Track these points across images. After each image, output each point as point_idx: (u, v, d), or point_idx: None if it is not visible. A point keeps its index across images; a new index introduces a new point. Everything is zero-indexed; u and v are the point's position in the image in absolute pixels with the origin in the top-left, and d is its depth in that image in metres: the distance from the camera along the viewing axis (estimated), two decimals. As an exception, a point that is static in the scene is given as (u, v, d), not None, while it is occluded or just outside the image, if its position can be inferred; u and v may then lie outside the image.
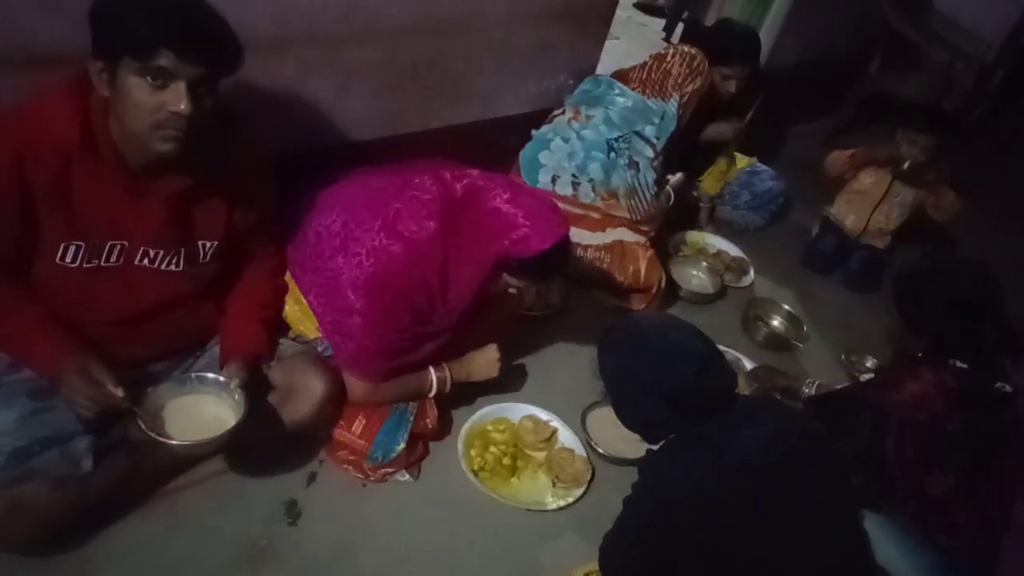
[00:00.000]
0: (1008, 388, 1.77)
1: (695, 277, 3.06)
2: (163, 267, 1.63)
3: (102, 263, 1.55)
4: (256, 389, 1.70)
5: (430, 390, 2.02)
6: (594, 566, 1.64)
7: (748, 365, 2.61)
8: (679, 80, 2.75)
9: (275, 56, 2.05)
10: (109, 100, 1.41)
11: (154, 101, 1.35)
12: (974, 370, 1.79)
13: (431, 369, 2.02)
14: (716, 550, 1.42)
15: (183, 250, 1.64)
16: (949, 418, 1.73)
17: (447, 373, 2.04)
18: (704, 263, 3.09)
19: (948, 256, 2.57)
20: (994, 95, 4.75)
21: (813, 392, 2.25)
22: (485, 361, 2.10)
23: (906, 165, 3.04)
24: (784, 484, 1.44)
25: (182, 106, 1.35)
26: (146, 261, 1.60)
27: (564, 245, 1.81)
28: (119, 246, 1.56)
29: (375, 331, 1.85)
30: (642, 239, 2.76)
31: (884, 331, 2.16)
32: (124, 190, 1.51)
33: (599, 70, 3.00)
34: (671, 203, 2.97)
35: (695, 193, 3.29)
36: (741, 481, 1.42)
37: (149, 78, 1.34)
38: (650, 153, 2.73)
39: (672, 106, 2.74)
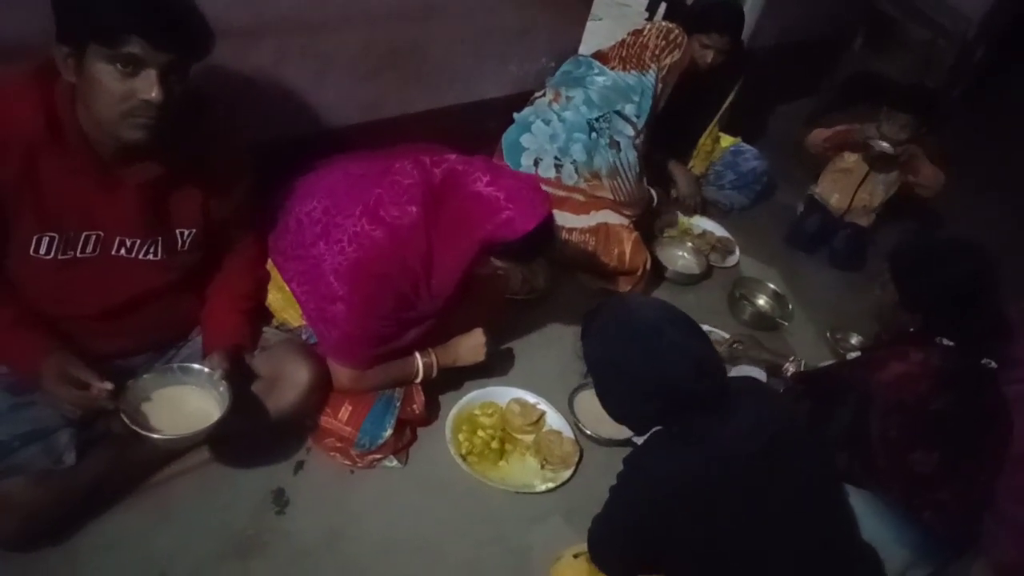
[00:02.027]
0: (993, 364, 1.78)
1: (680, 258, 3.07)
2: (141, 256, 1.59)
3: (78, 254, 1.52)
4: (240, 379, 1.69)
5: (416, 376, 2.02)
6: (582, 547, 1.64)
7: (735, 345, 2.61)
8: (656, 52, 2.72)
9: (251, 43, 2.02)
10: (76, 87, 1.37)
11: (123, 89, 1.32)
12: (961, 348, 1.78)
13: (417, 355, 2.01)
14: (704, 539, 1.42)
15: (160, 239, 1.61)
16: (934, 398, 1.73)
17: (433, 358, 2.03)
18: (689, 244, 3.10)
19: (946, 235, 2.53)
20: (976, 71, 4.77)
21: (797, 370, 2.26)
22: (471, 345, 2.10)
23: (875, 152, 3.09)
24: (769, 470, 1.43)
25: (153, 94, 1.32)
26: (123, 251, 1.57)
27: (548, 225, 1.80)
28: (94, 236, 1.53)
29: (358, 318, 1.84)
30: (626, 221, 2.75)
31: (873, 306, 2.13)
32: (95, 179, 1.48)
33: (582, 51, 2.98)
34: (655, 204, 2.99)
35: (674, 194, 3.27)
36: (727, 470, 1.41)
37: (118, 65, 1.30)
38: (630, 132, 2.72)
39: (650, 78, 2.72)
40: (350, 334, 1.86)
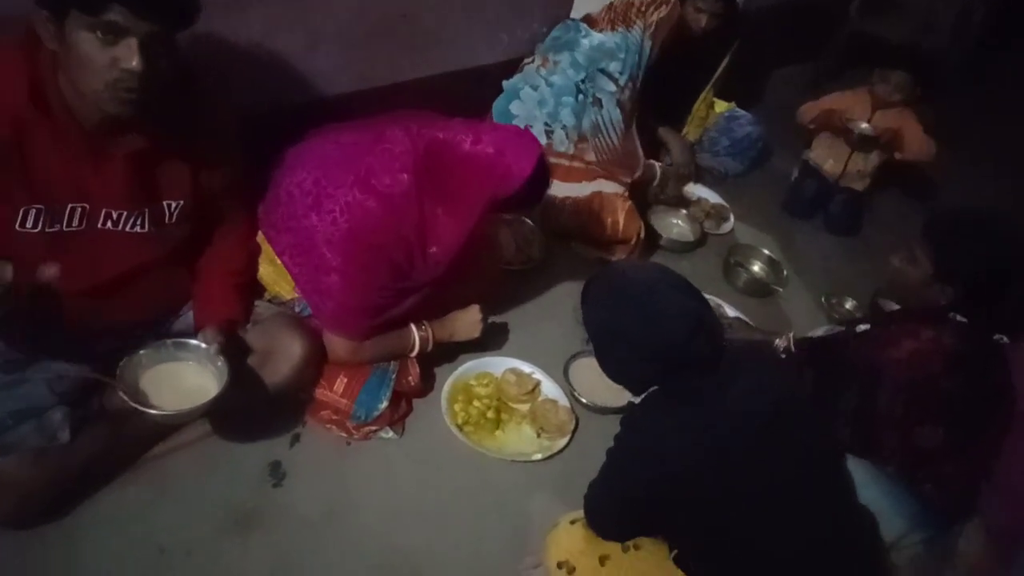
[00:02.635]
0: (1005, 339, 1.76)
1: (675, 226, 3.05)
2: (128, 229, 1.57)
3: (64, 228, 1.49)
4: (234, 353, 1.68)
5: (412, 349, 2.01)
6: (579, 514, 1.65)
7: (729, 311, 2.61)
8: (641, 9, 2.67)
9: (239, 12, 1.99)
10: (58, 55, 1.34)
11: (105, 58, 1.29)
12: (973, 324, 1.75)
13: (413, 328, 2.01)
14: (701, 499, 1.43)
15: (147, 210, 1.58)
16: (945, 376, 1.69)
17: (429, 332, 2.03)
18: (684, 211, 3.08)
19: (982, 208, 2.37)
20: (976, 33, 4.70)
21: (789, 345, 2.22)
22: (468, 321, 2.10)
23: (856, 136, 3.11)
24: (769, 432, 1.43)
25: (134, 63, 1.29)
26: (109, 224, 1.54)
27: (544, 161, 1.80)
28: (80, 209, 1.50)
29: (354, 288, 1.83)
30: (621, 190, 2.73)
31: (894, 282, 2.00)
32: (81, 150, 1.45)
33: (573, 15, 2.92)
34: (656, 183, 2.96)
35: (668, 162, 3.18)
36: (726, 430, 1.41)
37: (99, 33, 1.27)
38: (612, 88, 2.68)
39: (635, 34, 2.67)
40: (345, 304, 1.85)
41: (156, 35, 1.31)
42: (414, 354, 2.03)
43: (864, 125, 3.11)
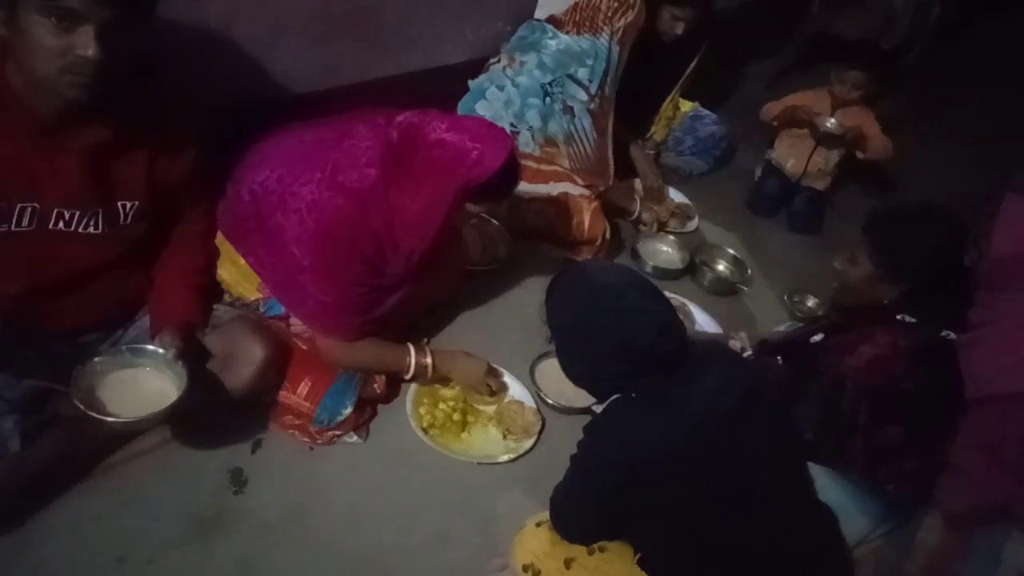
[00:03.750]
0: (952, 335, 1.80)
1: (663, 253, 2.97)
2: (81, 230, 1.51)
3: (12, 228, 1.43)
4: (194, 358, 1.64)
5: (408, 370, 1.99)
6: (545, 516, 1.65)
7: (694, 310, 2.63)
8: (608, 15, 2.65)
9: (195, 7, 1.95)
10: (7, 42, 1.28)
11: (60, 44, 1.24)
12: (922, 323, 1.78)
13: (412, 350, 1.99)
14: (666, 501, 1.44)
15: (101, 210, 1.52)
16: (904, 379, 1.72)
17: (430, 361, 2.01)
18: (671, 237, 3.01)
19: (900, 197, 2.37)
20: (932, 31, 4.80)
21: (745, 346, 2.24)
22: (472, 373, 2.07)
23: (821, 132, 3.15)
24: (733, 431, 1.44)
25: (90, 51, 1.25)
26: (61, 224, 1.49)
27: (515, 157, 1.82)
28: (30, 208, 1.44)
29: (329, 285, 1.82)
30: (587, 192, 2.73)
31: (838, 283, 2.07)
32: (32, 143, 1.39)
33: (539, 15, 2.92)
34: (638, 216, 2.98)
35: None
36: (689, 430, 1.42)
37: (54, 19, 1.22)
38: (584, 96, 2.68)
39: (603, 41, 2.66)
40: (324, 303, 1.84)
41: (114, 22, 1.27)
42: (408, 376, 2.00)
43: (830, 121, 3.14)
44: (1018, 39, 5.09)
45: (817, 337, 1.96)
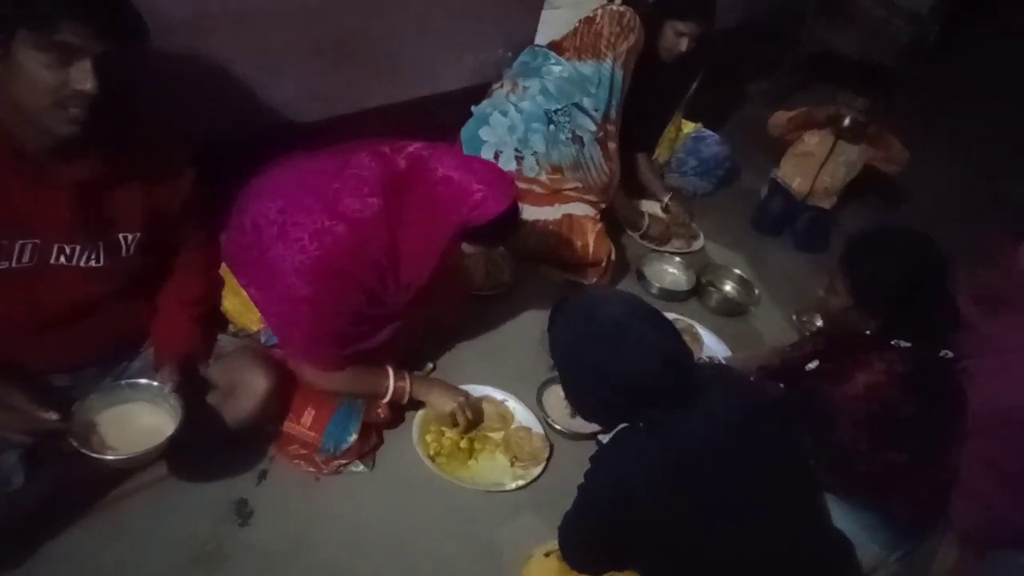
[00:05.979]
0: (950, 354, 1.77)
1: (669, 274, 2.96)
2: (82, 264, 1.50)
3: (13, 264, 1.42)
4: (193, 390, 1.63)
5: (386, 394, 1.96)
6: (554, 545, 1.63)
7: (702, 332, 2.61)
8: (611, 40, 2.66)
9: (197, 39, 1.96)
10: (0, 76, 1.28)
11: (56, 79, 1.24)
12: (917, 347, 1.76)
13: (390, 372, 1.97)
14: (673, 531, 1.40)
15: (102, 243, 1.51)
16: (903, 403, 1.70)
17: (407, 383, 1.98)
18: (677, 259, 3.00)
19: (890, 229, 2.37)
20: (930, 49, 4.82)
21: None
22: (442, 402, 2.03)
23: (846, 123, 3.08)
24: (737, 459, 1.41)
25: (88, 85, 1.24)
26: (63, 259, 1.47)
27: (516, 207, 1.82)
28: (30, 245, 1.42)
29: (326, 317, 1.80)
30: (592, 212, 2.73)
31: (821, 311, 2.08)
32: (25, 179, 1.38)
33: (540, 40, 2.94)
34: (647, 230, 3.00)
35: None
36: (694, 460, 1.39)
37: (50, 53, 1.22)
38: (592, 127, 2.68)
39: (607, 67, 2.66)
40: (313, 333, 1.82)
41: (110, 55, 1.27)
42: (386, 400, 1.97)
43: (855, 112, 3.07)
44: (1007, 50, 5.13)
45: (812, 364, 1.94)
